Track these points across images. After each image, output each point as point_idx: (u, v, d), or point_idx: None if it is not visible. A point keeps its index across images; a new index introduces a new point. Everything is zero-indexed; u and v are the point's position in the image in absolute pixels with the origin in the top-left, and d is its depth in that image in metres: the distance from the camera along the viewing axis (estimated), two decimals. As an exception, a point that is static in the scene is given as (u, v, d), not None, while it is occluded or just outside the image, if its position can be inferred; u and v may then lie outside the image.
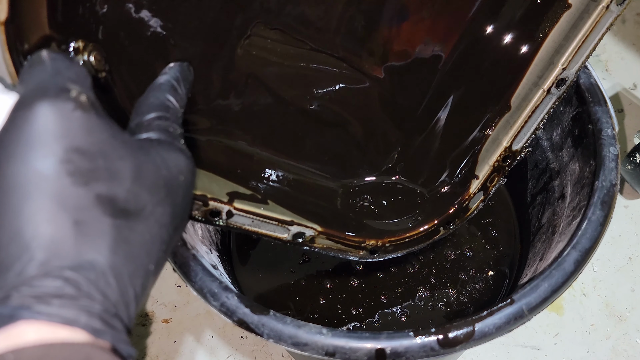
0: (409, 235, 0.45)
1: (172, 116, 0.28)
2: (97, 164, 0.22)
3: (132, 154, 0.23)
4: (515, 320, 0.35)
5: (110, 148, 0.22)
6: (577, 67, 0.39)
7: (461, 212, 0.45)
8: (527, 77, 0.40)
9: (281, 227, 0.39)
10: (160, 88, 0.29)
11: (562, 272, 0.37)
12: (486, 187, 0.44)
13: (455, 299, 0.51)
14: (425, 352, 0.34)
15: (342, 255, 0.43)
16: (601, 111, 0.44)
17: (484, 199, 0.45)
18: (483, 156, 0.43)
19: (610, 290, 0.59)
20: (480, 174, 0.43)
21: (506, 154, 0.42)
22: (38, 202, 0.20)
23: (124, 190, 0.22)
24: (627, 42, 0.76)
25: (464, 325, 0.34)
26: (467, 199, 0.44)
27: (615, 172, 0.41)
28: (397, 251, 0.45)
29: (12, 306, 0.19)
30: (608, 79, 0.73)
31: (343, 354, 0.34)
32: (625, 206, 0.64)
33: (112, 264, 0.22)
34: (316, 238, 0.41)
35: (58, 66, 0.24)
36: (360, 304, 0.51)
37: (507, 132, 0.41)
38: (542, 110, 0.40)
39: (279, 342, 0.35)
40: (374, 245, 0.44)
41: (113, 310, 0.21)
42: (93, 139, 0.22)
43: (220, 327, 0.57)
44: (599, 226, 0.39)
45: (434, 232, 0.45)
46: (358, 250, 0.43)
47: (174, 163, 0.26)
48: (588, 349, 0.56)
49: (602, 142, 0.42)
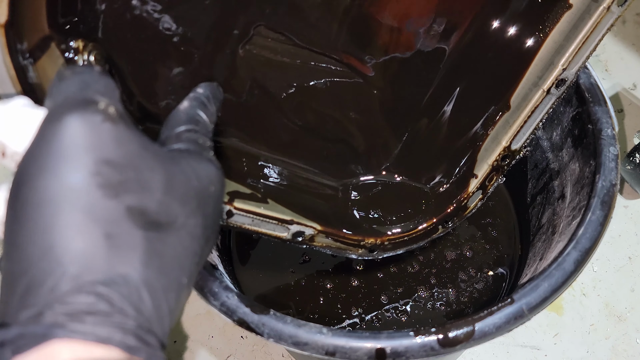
0: (408, 234, 0.45)
1: (202, 129, 0.28)
2: (127, 176, 0.21)
3: (163, 164, 0.23)
4: (515, 320, 0.35)
5: (140, 159, 0.22)
6: (577, 68, 0.39)
7: (460, 210, 0.45)
8: (527, 76, 0.40)
9: (281, 226, 0.39)
10: (190, 104, 0.29)
11: (562, 271, 0.37)
12: (485, 186, 0.44)
13: (455, 298, 0.51)
14: (426, 352, 0.34)
15: (341, 253, 0.43)
16: (601, 111, 0.44)
17: (483, 197, 0.45)
18: (482, 155, 0.43)
19: (610, 290, 0.59)
20: (479, 173, 0.44)
21: (505, 154, 0.42)
22: (69, 216, 0.20)
23: (155, 202, 0.22)
24: (627, 42, 0.76)
25: (464, 324, 0.34)
26: (465, 197, 0.44)
27: (615, 172, 0.41)
28: (395, 249, 0.45)
29: (46, 324, 0.19)
30: (608, 79, 0.73)
31: (343, 353, 0.34)
32: (625, 206, 0.64)
33: (145, 278, 0.21)
34: (315, 237, 0.41)
35: (86, 79, 0.23)
36: (360, 304, 0.51)
37: (507, 131, 0.41)
38: (541, 110, 0.40)
39: (279, 341, 0.35)
40: (373, 243, 0.44)
41: (147, 326, 0.21)
42: (123, 151, 0.22)
43: (220, 327, 0.57)
44: (598, 226, 0.39)
45: (433, 231, 0.46)
46: (357, 249, 0.44)
47: (205, 173, 0.25)
48: (588, 348, 0.56)
49: (602, 142, 0.42)
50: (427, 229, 0.45)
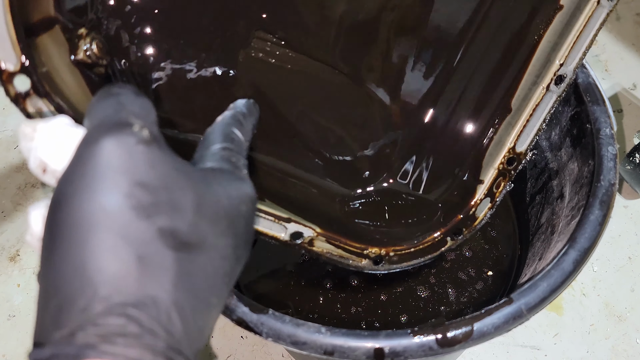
0: (414, 246, 0.43)
1: (237, 147, 0.29)
2: (159, 198, 0.22)
3: (193, 185, 0.23)
4: (514, 319, 0.35)
5: (171, 180, 0.22)
6: (574, 64, 0.39)
7: (468, 220, 0.43)
8: (525, 77, 0.40)
9: (278, 225, 0.38)
10: (226, 121, 0.30)
11: (561, 271, 0.37)
12: (493, 193, 0.43)
13: (455, 298, 0.51)
14: (424, 352, 0.34)
15: (344, 263, 0.41)
16: (599, 111, 0.44)
17: (492, 206, 0.43)
18: (487, 160, 0.43)
19: (610, 290, 0.59)
20: (485, 178, 0.42)
21: (510, 156, 0.41)
22: (102, 237, 0.21)
23: (186, 223, 0.22)
24: (626, 42, 0.76)
25: (462, 324, 0.34)
26: (473, 205, 0.43)
27: (613, 172, 0.41)
28: (402, 262, 0.43)
29: (78, 345, 0.19)
30: (607, 79, 0.73)
31: (342, 353, 0.34)
32: (624, 206, 0.64)
33: (174, 300, 0.21)
34: (315, 240, 0.40)
35: (122, 100, 0.24)
36: (359, 304, 0.51)
37: (510, 133, 0.41)
38: (543, 109, 0.40)
39: (277, 341, 0.35)
40: (377, 253, 0.42)
41: (177, 347, 0.21)
42: (155, 173, 0.22)
43: (220, 327, 0.57)
44: (597, 226, 0.39)
45: (441, 243, 0.44)
46: (360, 258, 0.42)
47: (236, 193, 0.26)
48: (588, 348, 0.56)
49: (601, 142, 0.42)
50: (435, 241, 0.43)
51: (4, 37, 0.27)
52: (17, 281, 0.61)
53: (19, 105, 0.29)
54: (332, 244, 0.41)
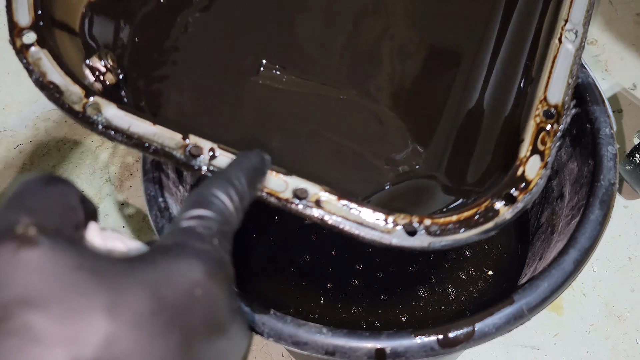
0: (456, 213, 0.35)
1: (216, 214, 0.24)
2: (50, 311, 0.17)
3: (107, 283, 0.18)
4: (515, 320, 0.35)
5: (69, 287, 0.18)
6: (582, 18, 0.39)
7: (518, 182, 0.36)
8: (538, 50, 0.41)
9: (277, 178, 0.32)
10: (215, 180, 0.25)
11: (561, 271, 0.37)
12: (540, 151, 0.37)
13: (455, 298, 0.51)
14: (425, 352, 0.34)
15: (363, 234, 0.32)
16: (599, 110, 0.44)
17: (544, 165, 0.36)
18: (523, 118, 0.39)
19: (610, 290, 0.59)
20: (525, 135, 0.37)
21: (545, 108, 0.38)
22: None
23: (91, 345, 0.17)
24: (626, 42, 0.76)
25: (463, 325, 0.34)
26: (519, 164, 0.36)
27: (613, 171, 0.41)
28: (445, 235, 0.34)
29: None
30: (607, 79, 0.73)
31: (343, 353, 0.34)
32: (624, 206, 0.64)
33: None
34: (324, 201, 0.32)
35: (21, 194, 0.20)
36: (360, 304, 0.51)
37: (537, 86, 0.38)
38: (564, 58, 0.39)
39: (278, 341, 0.35)
40: (408, 222, 0.33)
41: None
42: (43, 280, 0.17)
43: (220, 327, 0.57)
44: (598, 225, 0.39)
45: (491, 211, 0.35)
46: (387, 227, 0.32)
47: (184, 276, 0.20)
48: (588, 349, 0.56)
49: (600, 142, 0.42)
50: (482, 208, 0.35)
51: (23, 1, 0.34)
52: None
53: (20, 54, 0.33)
54: (346, 205, 0.33)
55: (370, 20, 0.44)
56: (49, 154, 0.69)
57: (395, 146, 0.42)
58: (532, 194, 0.35)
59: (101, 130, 0.32)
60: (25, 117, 0.72)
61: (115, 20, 0.40)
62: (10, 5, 0.34)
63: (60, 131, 0.71)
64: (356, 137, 0.41)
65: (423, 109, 0.42)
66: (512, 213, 0.35)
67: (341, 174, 0.39)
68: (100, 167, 0.68)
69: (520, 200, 0.35)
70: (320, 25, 0.43)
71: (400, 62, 0.43)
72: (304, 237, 0.55)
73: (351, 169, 0.40)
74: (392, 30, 0.42)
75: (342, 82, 0.41)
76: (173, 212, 0.42)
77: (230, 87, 0.39)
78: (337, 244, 0.54)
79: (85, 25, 0.38)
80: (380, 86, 0.42)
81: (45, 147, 0.70)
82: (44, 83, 0.33)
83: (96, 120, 0.32)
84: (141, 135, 0.32)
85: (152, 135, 0.32)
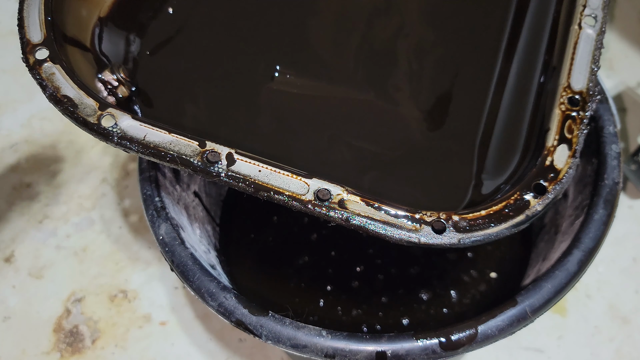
0: (485, 208, 0.34)
1: None
2: None
3: None
4: (519, 322, 0.34)
5: None
6: (600, 2, 0.39)
7: (547, 172, 0.35)
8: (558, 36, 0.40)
9: (298, 181, 0.32)
10: None
11: (565, 272, 0.36)
12: (568, 140, 0.36)
13: (457, 300, 0.50)
14: (427, 355, 0.33)
15: (390, 233, 0.31)
16: (602, 109, 0.43)
17: (573, 153, 0.36)
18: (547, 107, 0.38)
19: (614, 291, 0.58)
20: (551, 124, 0.37)
21: (569, 95, 0.37)
22: None
23: None
24: (631, 40, 0.75)
25: (466, 327, 0.34)
26: (547, 154, 0.36)
27: (617, 171, 0.41)
28: (475, 231, 0.32)
29: None
30: (612, 77, 0.72)
31: (343, 356, 0.33)
32: (629, 206, 0.63)
33: None
34: (347, 201, 0.31)
35: None
36: (360, 306, 0.50)
37: (560, 74, 0.38)
38: (585, 43, 0.38)
39: (277, 343, 0.34)
40: (436, 219, 0.32)
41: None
42: None
43: (218, 329, 0.56)
44: (602, 225, 0.38)
45: (521, 204, 0.34)
46: (414, 225, 0.32)
47: None
48: (592, 351, 0.55)
49: (604, 140, 0.42)
50: (511, 200, 0.34)
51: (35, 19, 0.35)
52: (12, 282, 0.60)
53: (34, 70, 0.33)
54: (370, 205, 0.32)
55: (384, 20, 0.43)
56: (45, 154, 0.69)
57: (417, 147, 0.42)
58: (562, 184, 0.34)
59: (117, 142, 0.32)
60: (21, 116, 0.71)
61: (126, 34, 0.40)
62: (22, 22, 0.35)
63: (56, 130, 0.70)
64: (377, 140, 0.40)
65: (444, 108, 0.42)
66: (543, 204, 0.34)
67: (364, 176, 0.39)
68: (96, 167, 0.67)
69: (551, 191, 0.34)
70: (333, 28, 0.43)
71: (416, 61, 0.42)
72: (303, 238, 0.54)
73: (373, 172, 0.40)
74: (406, 29, 0.42)
75: (359, 83, 0.41)
76: (169, 211, 0.41)
77: (246, 96, 0.39)
78: (337, 245, 0.54)
79: (96, 40, 0.39)
80: (398, 86, 0.41)
81: (40, 147, 0.69)
82: (58, 97, 0.33)
83: (111, 131, 0.32)
84: (157, 145, 0.32)
85: (169, 143, 0.32)
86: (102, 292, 0.59)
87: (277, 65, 0.40)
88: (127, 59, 0.40)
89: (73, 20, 0.37)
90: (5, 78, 0.74)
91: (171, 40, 0.41)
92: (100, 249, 0.61)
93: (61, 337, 0.56)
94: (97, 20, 0.39)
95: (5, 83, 0.74)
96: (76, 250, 0.61)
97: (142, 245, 0.61)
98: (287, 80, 0.40)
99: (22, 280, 0.60)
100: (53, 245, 0.62)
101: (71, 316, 0.57)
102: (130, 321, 0.57)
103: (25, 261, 0.61)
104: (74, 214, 0.64)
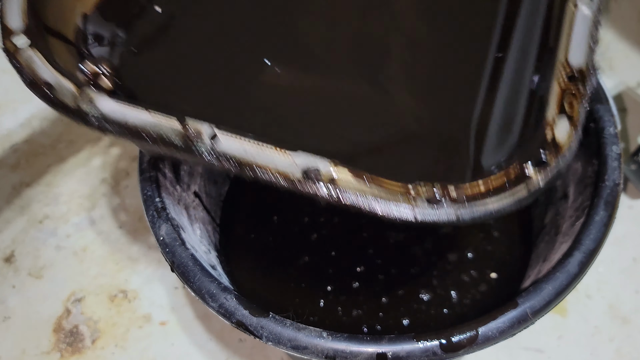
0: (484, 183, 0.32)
1: None
2: None
3: None
4: (519, 324, 0.35)
5: None
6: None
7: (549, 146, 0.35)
8: None
9: (284, 157, 0.31)
10: None
11: (566, 274, 0.36)
12: (568, 115, 0.35)
13: (458, 301, 0.50)
14: (428, 357, 0.33)
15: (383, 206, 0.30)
16: (603, 109, 0.43)
17: (575, 127, 0.35)
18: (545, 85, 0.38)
19: (614, 292, 0.58)
20: (550, 99, 0.36)
21: (569, 72, 0.37)
22: None
23: None
24: (631, 40, 0.75)
25: (466, 329, 0.34)
26: (547, 126, 0.35)
27: (618, 171, 0.41)
28: (474, 206, 0.31)
29: None
30: (612, 77, 0.72)
31: (343, 358, 0.33)
32: (629, 207, 0.63)
33: None
34: (338, 180, 0.30)
35: None
36: (360, 307, 0.50)
37: (557, 52, 0.38)
38: (582, 22, 0.38)
39: (278, 345, 0.34)
40: (430, 191, 0.31)
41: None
42: None
43: (218, 330, 0.56)
44: (603, 226, 0.38)
45: (521, 176, 0.33)
46: (408, 199, 0.30)
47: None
48: (592, 351, 0.55)
49: (605, 141, 0.42)
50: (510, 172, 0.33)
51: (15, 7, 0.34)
52: (12, 282, 0.60)
53: (12, 56, 0.33)
54: (362, 180, 0.30)
55: (376, 12, 0.43)
56: (45, 154, 0.69)
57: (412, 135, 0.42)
58: (565, 158, 0.33)
59: (96, 125, 0.32)
60: (20, 116, 0.71)
61: (112, 31, 0.40)
62: (1, 9, 0.34)
63: (56, 130, 0.70)
64: (371, 129, 0.40)
65: (439, 95, 0.41)
66: (546, 178, 0.33)
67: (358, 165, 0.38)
68: (96, 167, 0.67)
69: (553, 165, 0.33)
70: (324, 21, 0.42)
71: (410, 51, 0.41)
72: (303, 238, 0.54)
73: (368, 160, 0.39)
74: (399, 21, 0.41)
75: (352, 75, 0.40)
76: (170, 212, 0.41)
77: (236, 92, 0.39)
78: (337, 245, 0.54)
79: (80, 36, 0.38)
80: (391, 77, 0.41)
81: (40, 146, 0.69)
82: (35, 82, 0.32)
83: (90, 114, 0.32)
84: (137, 126, 0.32)
85: (149, 125, 0.32)
86: (102, 292, 0.59)
87: (267, 60, 0.39)
88: (112, 54, 0.39)
89: (56, 11, 0.37)
90: (5, 78, 0.74)
91: (158, 36, 0.41)
92: (100, 249, 0.61)
93: (61, 337, 0.56)
94: (82, 15, 0.39)
95: (5, 83, 0.74)
96: (76, 250, 0.61)
97: (142, 246, 0.61)
98: (278, 74, 0.39)
99: (22, 280, 0.60)
100: (53, 245, 0.62)
101: (71, 316, 0.57)
102: (130, 321, 0.57)
103: (25, 261, 0.61)
104: (74, 214, 0.64)
